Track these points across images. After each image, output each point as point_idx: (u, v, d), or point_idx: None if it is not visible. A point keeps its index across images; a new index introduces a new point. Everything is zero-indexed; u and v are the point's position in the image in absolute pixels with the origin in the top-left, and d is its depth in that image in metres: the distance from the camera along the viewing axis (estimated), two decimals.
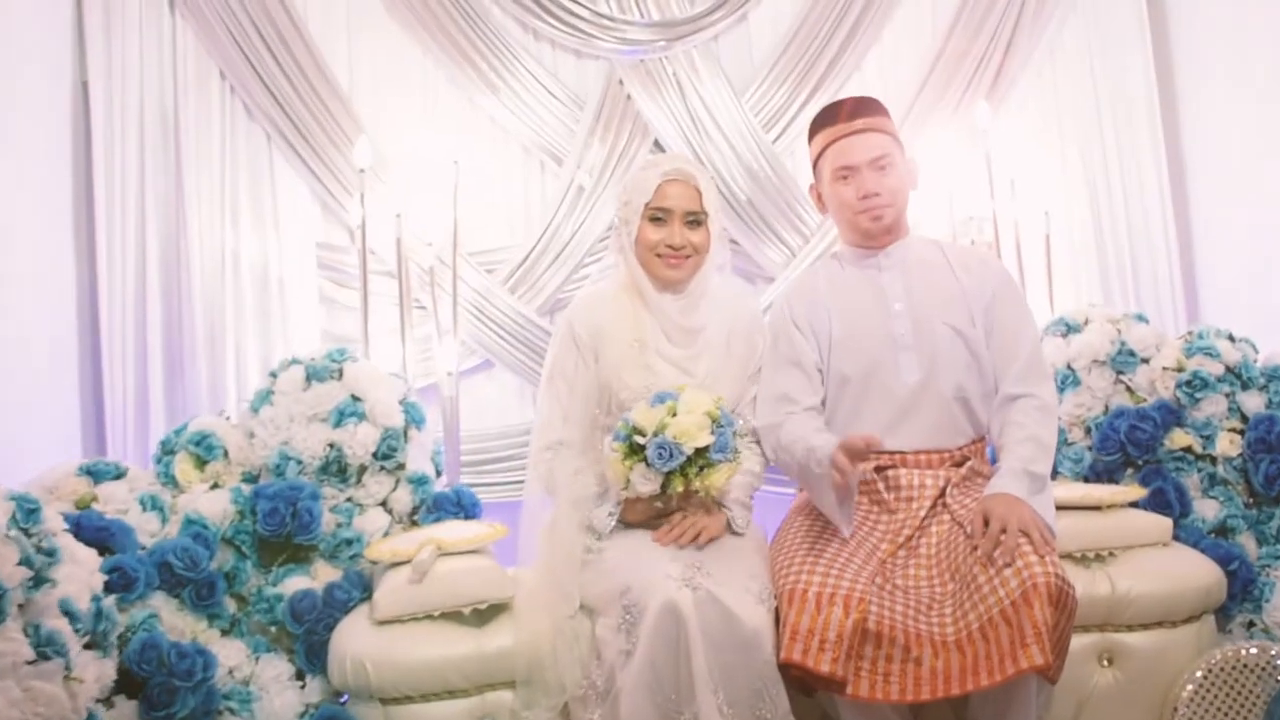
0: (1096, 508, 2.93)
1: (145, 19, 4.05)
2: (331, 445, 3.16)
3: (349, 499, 3.19)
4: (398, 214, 3.89)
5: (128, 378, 3.97)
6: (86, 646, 2.27)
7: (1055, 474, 3.15)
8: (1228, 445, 3.23)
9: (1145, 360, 3.37)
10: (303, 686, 2.86)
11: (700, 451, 2.58)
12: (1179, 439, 3.25)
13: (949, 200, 4.16)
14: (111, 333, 3.97)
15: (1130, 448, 3.22)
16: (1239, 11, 4.05)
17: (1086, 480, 3.30)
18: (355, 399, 3.23)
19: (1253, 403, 3.26)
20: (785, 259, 4.28)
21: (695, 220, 2.82)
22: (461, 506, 3.27)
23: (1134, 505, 3.03)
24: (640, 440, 2.60)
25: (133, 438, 3.94)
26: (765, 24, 4.41)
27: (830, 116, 2.87)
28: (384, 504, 3.23)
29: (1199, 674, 2.74)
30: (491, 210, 4.28)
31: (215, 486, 3.12)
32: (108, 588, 2.47)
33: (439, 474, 3.44)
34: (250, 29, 4.07)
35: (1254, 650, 2.77)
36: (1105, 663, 2.79)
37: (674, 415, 2.59)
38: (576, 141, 4.26)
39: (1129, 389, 3.38)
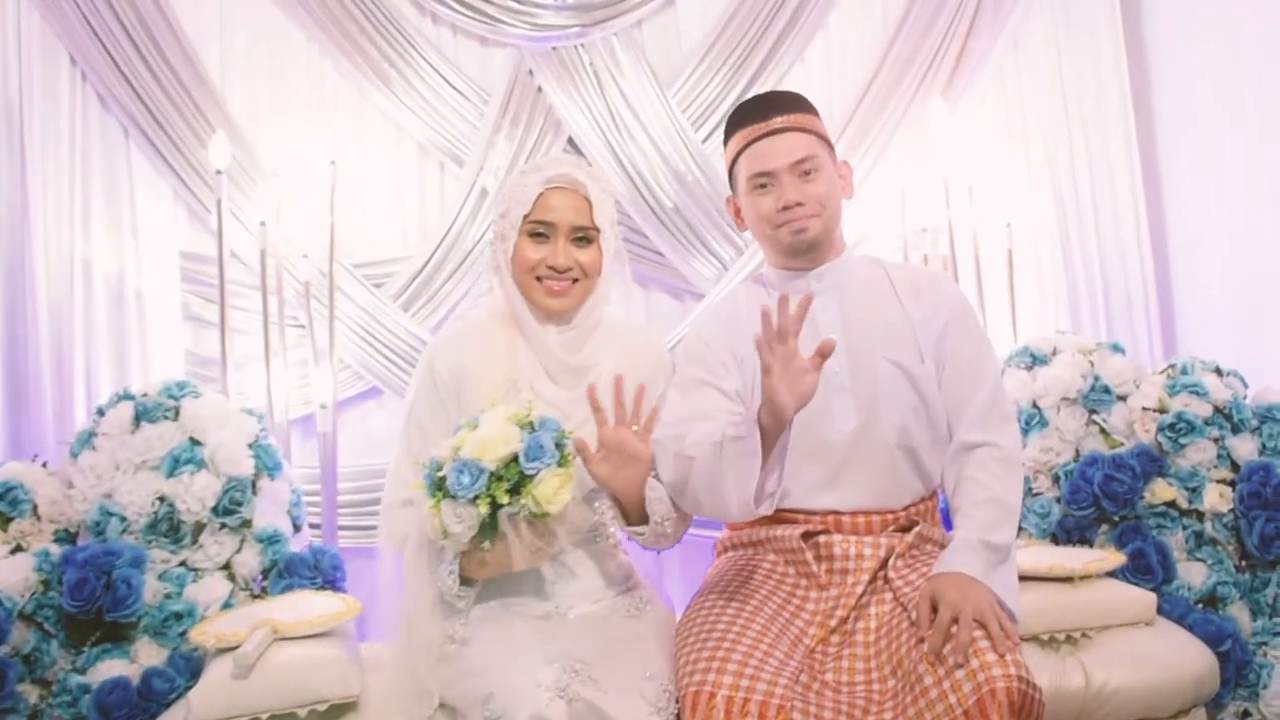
0: (1068, 579, 2.68)
1: None
2: (162, 498, 2.83)
3: (182, 563, 2.85)
4: (261, 221, 3.50)
5: None
6: None
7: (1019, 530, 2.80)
8: (1217, 499, 3.01)
9: (1122, 398, 3.15)
10: None
11: (509, 464, 2.16)
12: (1161, 491, 3.02)
13: (900, 209, 3.87)
14: None
15: (1105, 501, 2.98)
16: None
17: (1054, 538, 3.08)
18: (194, 442, 2.90)
19: (1245, 449, 3.05)
20: (716, 273, 3.92)
21: (584, 237, 2.45)
22: (319, 571, 2.90)
23: (1111, 574, 2.79)
24: (442, 474, 2.19)
25: None
26: (695, 8, 4.06)
27: (744, 115, 2.55)
28: (226, 568, 2.88)
29: None
30: (383, 217, 3.92)
31: (18, 549, 2.74)
32: None
33: (298, 529, 3.06)
34: (104, 7, 3.66)
35: None
36: None
37: (474, 430, 2.20)
38: (480, 139, 3.89)
39: (1103, 431, 3.15)
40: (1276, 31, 3.54)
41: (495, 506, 2.16)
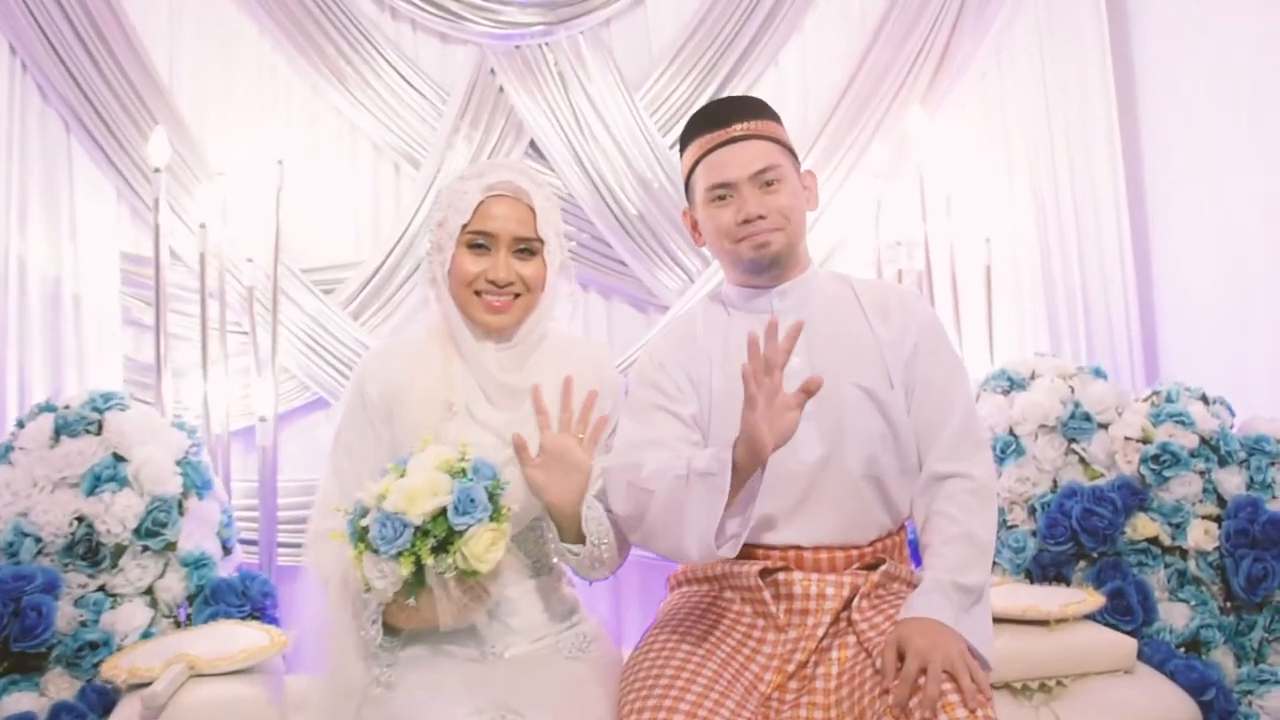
0: (1043, 622, 2.60)
1: None
2: (80, 518, 2.69)
3: (100, 588, 2.71)
4: (201, 224, 3.37)
5: None
6: None
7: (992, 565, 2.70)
8: (1201, 536, 2.93)
9: (1103, 426, 3.07)
10: None
11: (437, 518, 1.99)
12: (1143, 526, 2.93)
13: (875, 221, 3.77)
14: None
15: (1084, 536, 2.89)
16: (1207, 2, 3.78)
17: (1029, 575, 2.99)
18: (117, 459, 2.77)
19: (1231, 482, 2.97)
20: (681, 285, 3.81)
21: (527, 249, 2.29)
22: (248, 599, 2.76)
23: (1089, 616, 2.71)
24: (365, 523, 2.03)
25: None
26: (666, 8, 3.97)
27: (702, 122, 2.40)
28: (148, 593, 2.74)
29: None
30: (334, 220, 3.81)
31: None
32: None
33: (228, 551, 2.93)
34: None
35: None
36: None
37: (402, 476, 2.03)
38: (437, 140, 3.78)
39: (1083, 461, 3.07)
40: (1268, 38, 3.49)
41: (420, 564, 2.00)
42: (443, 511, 1.98)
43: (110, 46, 3.58)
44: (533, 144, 3.84)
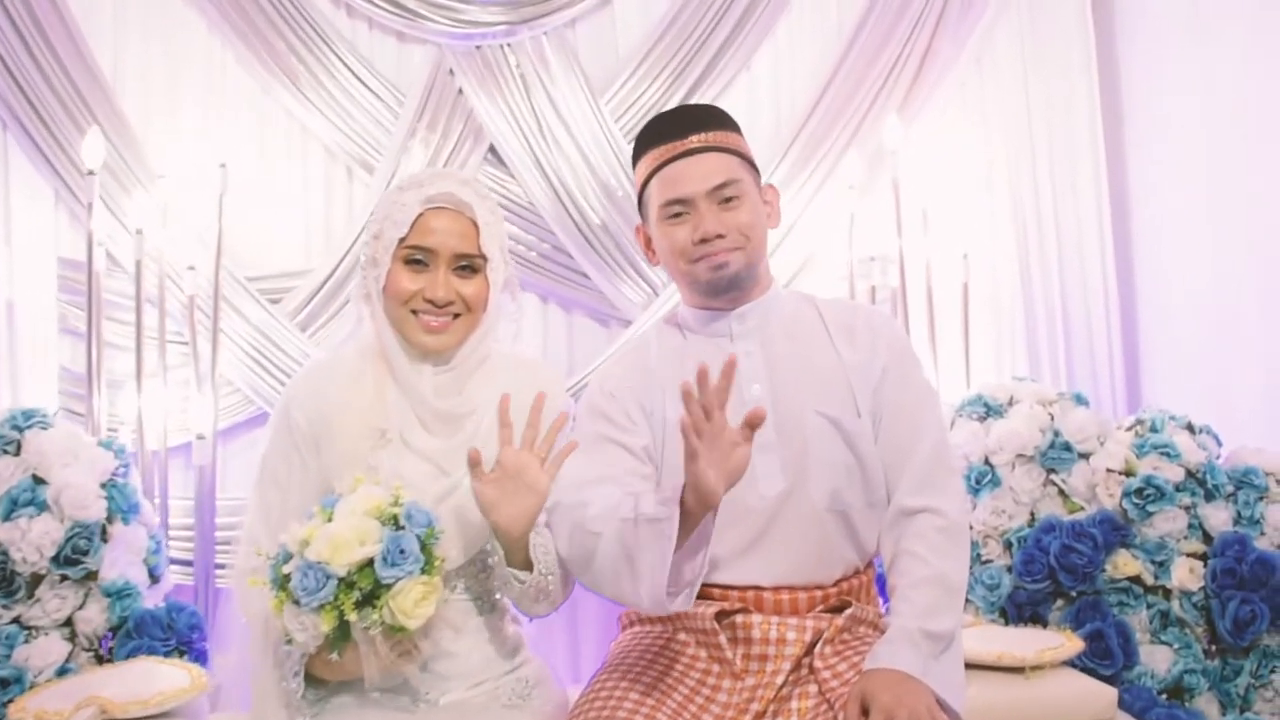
0: (1019, 670, 2.54)
1: None
2: None
3: (15, 619, 2.57)
4: (138, 229, 3.22)
5: None
6: None
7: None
8: (1186, 575, 2.86)
9: (1084, 456, 3.00)
10: None
11: (363, 570, 1.87)
12: (1124, 564, 2.87)
13: (848, 235, 3.67)
14: None
15: (1062, 574, 2.81)
16: (1196, 9, 3.68)
17: (1003, 613, 2.90)
18: (36, 481, 2.63)
19: (1218, 518, 2.90)
20: (645, 299, 3.69)
21: (468, 266, 2.17)
22: (174, 632, 2.63)
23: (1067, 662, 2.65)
24: (287, 570, 1.90)
25: None
26: (634, 9, 3.85)
27: (656, 132, 2.29)
28: (67, 625, 2.60)
29: None
30: (283, 226, 3.67)
31: None
32: None
33: (155, 580, 2.79)
34: None
35: None
36: None
37: (329, 521, 1.90)
38: (393, 144, 3.64)
39: (1062, 493, 3.00)
40: (1257, 46, 3.42)
41: (344, 618, 1.87)
42: (370, 562, 1.86)
43: (51, 42, 3.45)
44: (492, 149, 3.73)
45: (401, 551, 1.86)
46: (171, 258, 3.37)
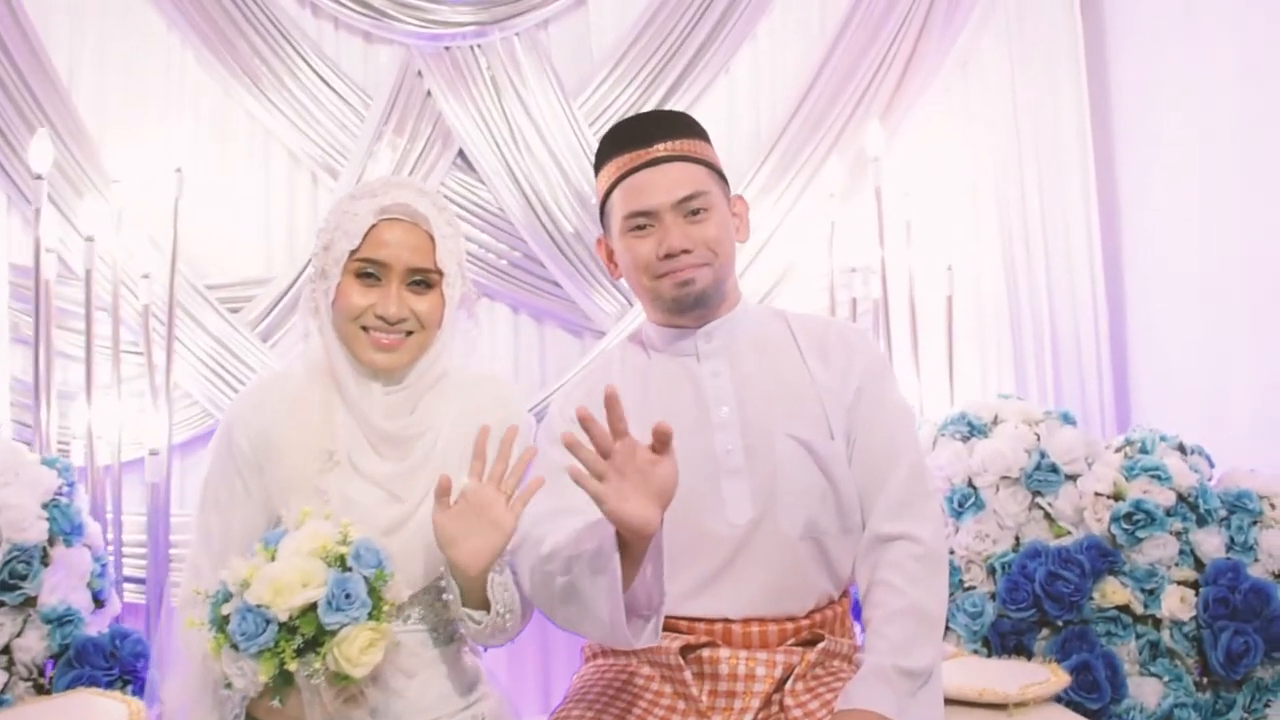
0: (1002, 706, 2.44)
1: None
2: None
3: None
4: (89, 236, 3.15)
5: None
6: None
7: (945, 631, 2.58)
8: (1177, 604, 2.81)
9: (1071, 478, 2.93)
10: None
11: (306, 614, 1.77)
12: (1113, 593, 2.81)
13: (829, 244, 3.64)
14: None
15: (1048, 603, 2.75)
16: (1189, 13, 3.65)
17: (986, 643, 2.84)
18: None
19: (1211, 544, 2.84)
20: (619, 309, 3.64)
21: (423, 281, 2.07)
22: (117, 660, 2.56)
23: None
24: (226, 611, 1.80)
25: None
26: (609, 9, 3.83)
27: (619, 140, 2.21)
28: (4, 653, 2.52)
29: None
30: (244, 233, 3.63)
31: None
32: None
33: (100, 604, 2.70)
34: None
35: None
36: None
37: (272, 560, 1.80)
38: (359, 148, 3.60)
39: (1049, 516, 2.93)
40: (1250, 52, 3.39)
41: (284, 665, 1.77)
42: (313, 606, 1.76)
43: (3, 39, 3.40)
44: (462, 154, 3.69)
45: (347, 596, 1.76)
46: (126, 265, 3.31)
